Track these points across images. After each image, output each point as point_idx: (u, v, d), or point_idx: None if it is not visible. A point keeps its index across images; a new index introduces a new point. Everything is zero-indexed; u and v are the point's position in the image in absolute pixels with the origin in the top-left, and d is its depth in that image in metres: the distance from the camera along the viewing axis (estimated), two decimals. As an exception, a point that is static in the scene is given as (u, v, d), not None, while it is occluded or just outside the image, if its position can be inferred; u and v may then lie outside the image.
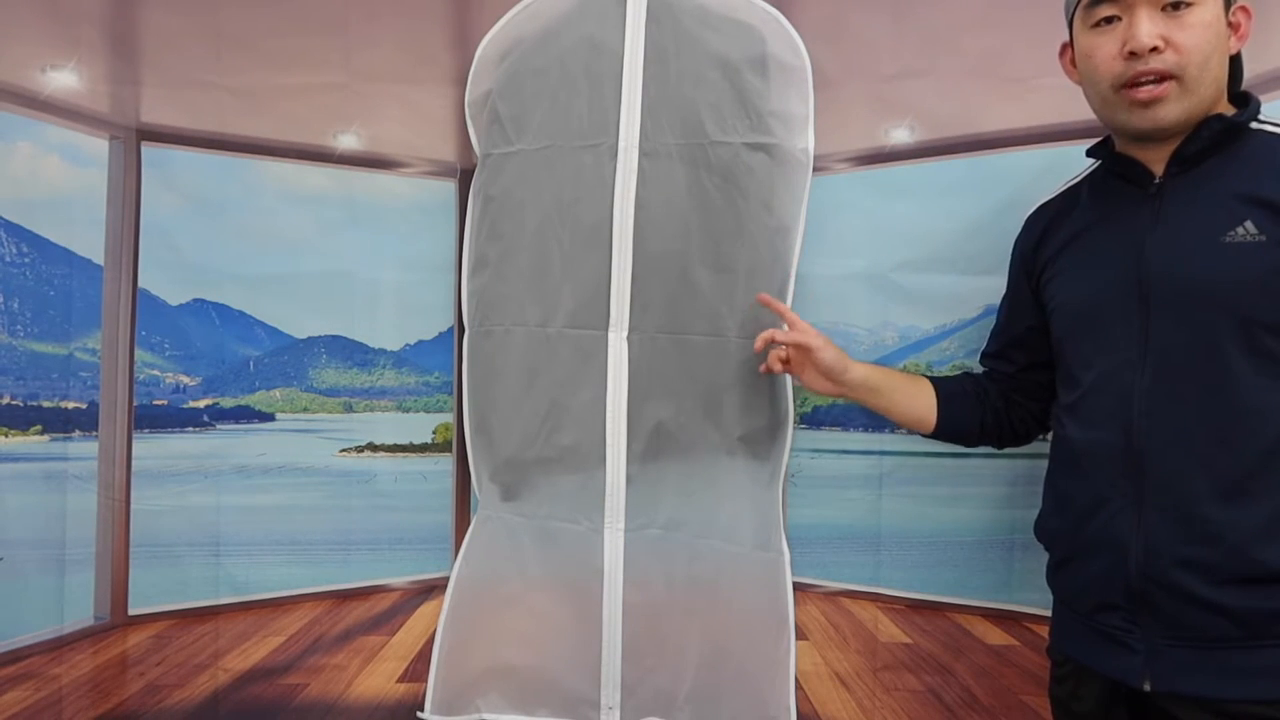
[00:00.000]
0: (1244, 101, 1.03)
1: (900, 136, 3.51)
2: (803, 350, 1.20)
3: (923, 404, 1.21)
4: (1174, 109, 0.97)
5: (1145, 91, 0.96)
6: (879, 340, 4.11)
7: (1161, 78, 0.96)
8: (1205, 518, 0.93)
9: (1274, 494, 0.91)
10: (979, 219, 1.22)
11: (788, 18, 1.37)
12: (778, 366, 1.22)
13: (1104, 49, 1.00)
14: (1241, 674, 0.92)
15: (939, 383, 1.23)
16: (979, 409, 1.20)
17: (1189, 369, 0.95)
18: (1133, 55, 0.96)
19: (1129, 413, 0.98)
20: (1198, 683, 0.94)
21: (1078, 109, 1.09)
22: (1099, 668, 1.02)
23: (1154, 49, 0.95)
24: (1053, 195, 1.17)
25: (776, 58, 1.36)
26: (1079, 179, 1.15)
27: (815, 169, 1.36)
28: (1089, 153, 1.10)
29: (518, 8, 1.41)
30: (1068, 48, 1.10)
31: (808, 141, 1.36)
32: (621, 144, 1.34)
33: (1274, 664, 0.91)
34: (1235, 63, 1.04)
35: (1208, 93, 0.98)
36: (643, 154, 1.34)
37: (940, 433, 1.23)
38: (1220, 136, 0.98)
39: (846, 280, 4.06)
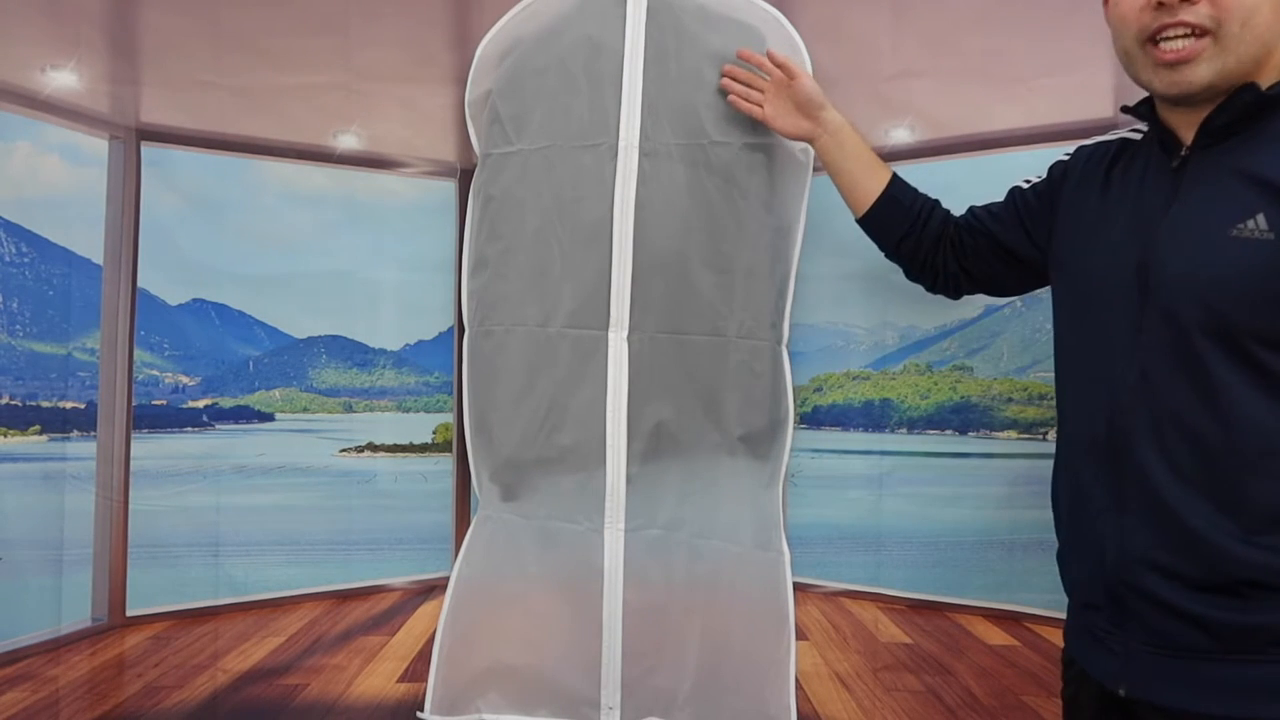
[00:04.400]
0: None
1: (900, 136, 3.52)
2: (784, 78, 1.19)
3: (871, 185, 1.16)
4: (1204, 71, 0.83)
5: (1172, 51, 0.83)
6: (879, 340, 4.07)
7: (1194, 33, 0.83)
8: (1180, 524, 0.86)
9: (1250, 505, 0.84)
10: None
11: (788, 18, 1.37)
12: (744, 105, 1.23)
13: None
14: (1213, 687, 0.86)
15: (896, 181, 1.17)
16: (911, 225, 1.14)
17: (1172, 371, 0.87)
18: (1161, 6, 0.84)
19: (1112, 405, 0.91)
20: (1169, 693, 0.88)
21: (1078, 109, 1.05)
22: (1088, 668, 0.97)
23: None
24: (1109, 138, 1.03)
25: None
26: (1136, 135, 1.01)
27: (816, 169, 1.36)
28: (1124, 109, 0.97)
29: (518, 8, 1.41)
30: None
31: (808, 141, 1.35)
32: (621, 144, 1.34)
33: (1244, 681, 0.85)
34: None
35: (1248, 53, 0.83)
36: (643, 154, 1.33)
37: (864, 223, 1.18)
38: (1251, 109, 0.85)
39: (846, 280, 4.04)
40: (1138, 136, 0.99)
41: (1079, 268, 0.97)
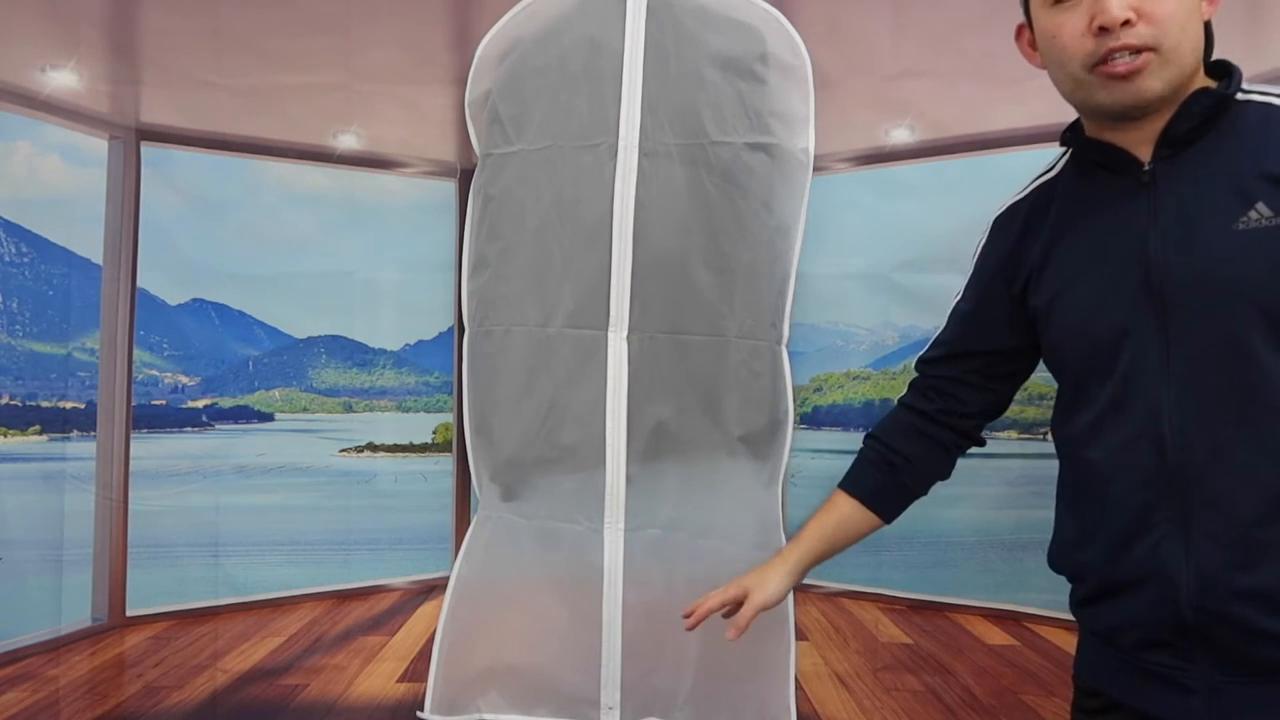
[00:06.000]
0: (1223, 72, 0.92)
1: (900, 136, 3.52)
2: (740, 601, 1.11)
3: (860, 523, 1.12)
4: (1155, 82, 0.87)
5: (1124, 64, 0.86)
6: (879, 340, 4.08)
7: (1137, 50, 0.87)
8: (1261, 539, 0.82)
9: None
10: (979, 219, 1.18)
11: (788, 18, 1.37)
12: (740, 624, 1.10)
13: (1070, 26, 0.89)
14: None
15: (856, 488, 1.13)
16: (904, 489, 1.12)
17: (1220, 374, 0.84)
18: (1103, 30, 0.86)
19: (1159, 429, 0.86)
20: None
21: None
22: (1146, 708, 0.91)
23: (1125, 22, 0.85)
24: (1021, 194, 1.05)
25: (776, 57, 1.35)
26: (1051, 174, 1.03)
27: (816, 169, 1.36)
28: (1062, 140, 0.99)
29: (518, 8, 1.41)
30: (1024, 29, 0.98)
31: (808, 141, 1.35)
32: (621, 144, 1.34)
33: None
34: (1206, 30, 0.93)
35: (1188, 63, 0.88)
36: (643, 154, 1.34)
37: (892, 519, 1.15)
38: (1210, 112, 0.89)
39: (846, 280, 4.04)
40: (1052, 174, 1.01)
41: (1073, 310, 0.95)
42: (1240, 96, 0.89)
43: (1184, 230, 0.87)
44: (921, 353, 1.14)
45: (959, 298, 1.10)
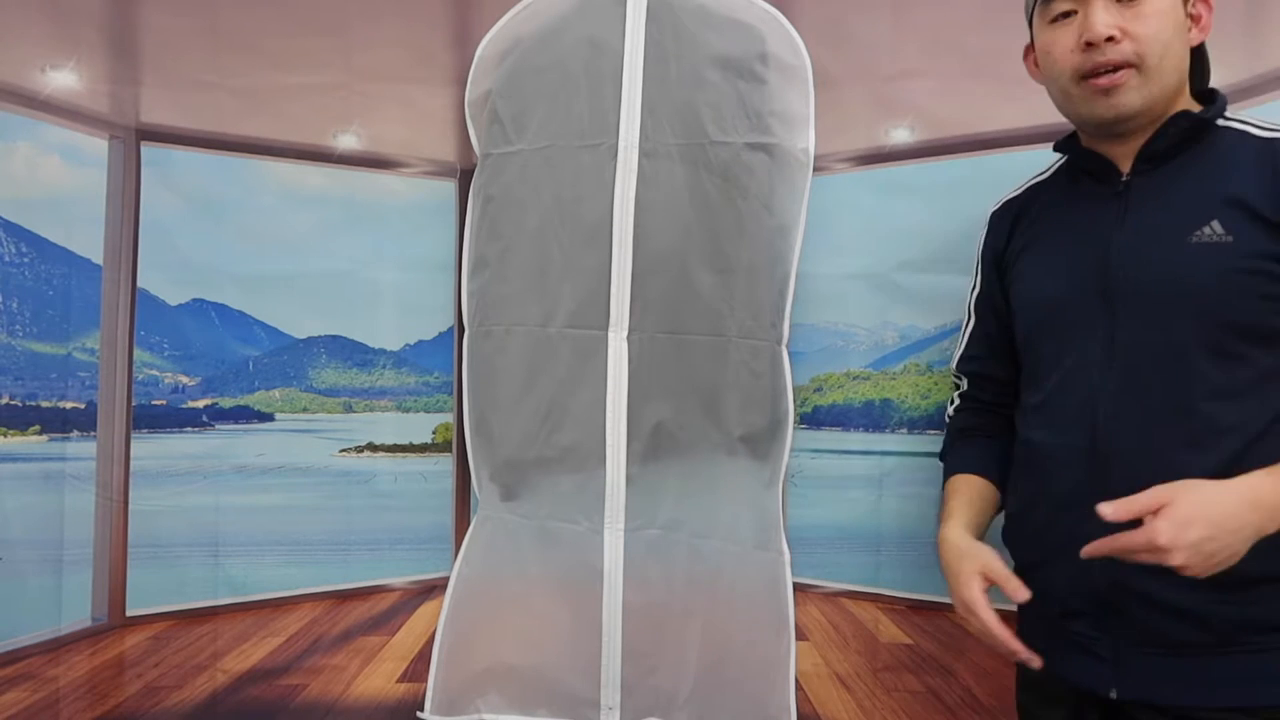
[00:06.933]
0: (1210, 98, 1.01)
1: (900, 136, 3.51)
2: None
3: (990, 498, 1.14)
4: (1134, 97, 0.95)
5: (1105, 79, 0.95)
6: (879, 340, 4.10)
7: (1119, 66, 0.95)
8: None
9: None
10: (979, 219, 1.20)
11: (788, 18, 1.37)
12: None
13: (1062, 43, 0.98)
14: (1210, 682, 0.89)
15: (974, 466, 1.14)
16: (1005, 457, 1.13)
17: (1155, 372, 0.92)
18: (1090, 46, 0.95)
19: (1094, 416, 0.95)
20: (1166, 691, 0.91)
21: (1079, 108, 1.08)
22: (1067, 676, 0.99)
23: (1110, 39, 0.94)
24: (1017, 191, 1.15)
25: (776, 58, 1.36)
26: (1045, 175, 1.12)
27: (816, 169, 1.36)
28: (1056, 146, 1.08)
29: (518, 8, 1.41)
30: (1030, 49, 1.08)
31: (808, 141, 1.36)
32: (621, 144, 1.34)
33: (1243, 672, 0.88)
34: (1202, 57, 1.02)
35: (1169, 82, 0.96)
36: (643, 154, 1.34)
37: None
38: (1188, 133, 0.96)
39: (846, 280, 4.05)
40: (1046, 176, 1.11)
41: (1037, 298, 1.04)
42: (1220, 123, 0.97)
43: (1143, 238, 0.94)
44: (959, 353, 1.20)
45: (975, 290, 1.17)
